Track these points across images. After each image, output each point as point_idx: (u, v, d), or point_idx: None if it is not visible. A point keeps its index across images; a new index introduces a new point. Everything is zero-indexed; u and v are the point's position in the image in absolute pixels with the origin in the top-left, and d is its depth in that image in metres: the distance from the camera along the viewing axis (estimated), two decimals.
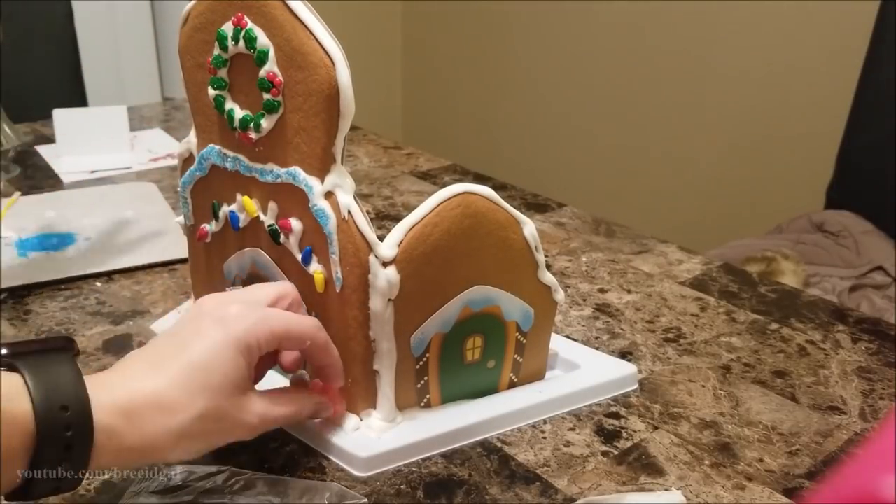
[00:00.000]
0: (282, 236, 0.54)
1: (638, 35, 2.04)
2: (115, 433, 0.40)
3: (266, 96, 0.51)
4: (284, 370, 0.52)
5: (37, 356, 0.40)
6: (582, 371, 0.61)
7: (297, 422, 0.51)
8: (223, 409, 0.43)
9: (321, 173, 0.51)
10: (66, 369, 0.40)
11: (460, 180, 1.05)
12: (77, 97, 2.01)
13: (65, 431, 0.38)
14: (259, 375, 0.50)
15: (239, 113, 0.53)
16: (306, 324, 0.48)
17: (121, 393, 0.41)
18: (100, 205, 0.94)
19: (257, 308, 0.47)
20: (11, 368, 0.40)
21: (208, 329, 0.44)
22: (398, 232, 0.49)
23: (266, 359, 0.48)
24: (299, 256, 0.53)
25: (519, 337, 0.57)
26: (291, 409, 0.48)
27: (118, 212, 0.91)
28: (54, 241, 0.83)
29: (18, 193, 0.96)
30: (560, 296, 0.58)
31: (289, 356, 0.50)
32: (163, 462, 0.43)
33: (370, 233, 0.50)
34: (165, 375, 0.42)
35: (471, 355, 0.56)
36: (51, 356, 0.41)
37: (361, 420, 0.54)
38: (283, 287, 0.51)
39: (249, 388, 0.45)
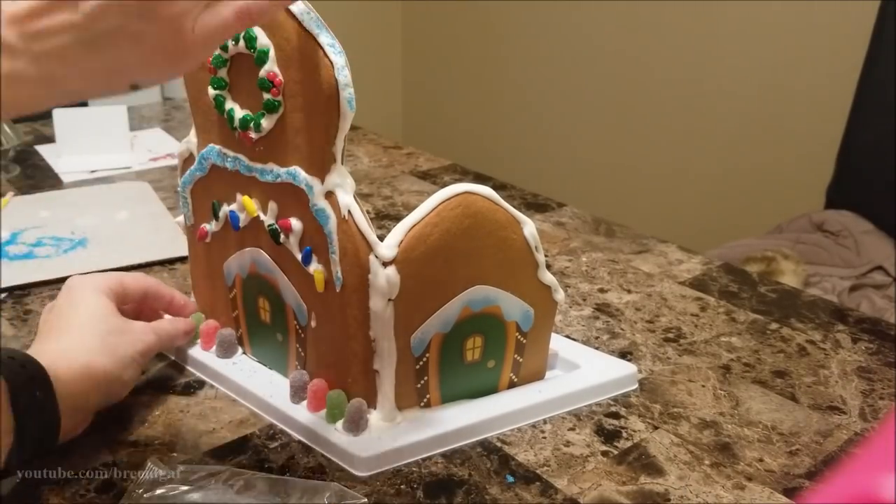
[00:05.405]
0: (282, 236, 0.54)
1: (638, 35, 2.04)
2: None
3: (266, 96, 0.51)
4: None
5: None
6: (582, 371, 0.61)
7: (174, 337, 0.61)
8: (118, 324, 0.56)
9: (321, 173, 0.51)
10: None
11: (460, 180, 1.05)
12: None
13: (21, 367, 0.48)
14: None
15: (239, 113, 0.53)
16: (142, 277, 0.62)
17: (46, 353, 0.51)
18: (94, 204, 0.94)
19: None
20: None
21: (78, 298, 0.57)
22: (398, 232, 0.49)
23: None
24: (299, 256, 0.53)
25: (519, 337, 0.57)
26: (165, 326, 0.60)
27: (113, 211, 0.91)
28: (65, 245, 0.83)
29: (11, 194, 0.96)
30: (560, 296, 0.58)
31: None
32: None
33: (370, 233, 0.50)
34: (70, 334, 0.54)
35: (471, 355, 0.56)
36: None
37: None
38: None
39: (127, 319, 0.57)
